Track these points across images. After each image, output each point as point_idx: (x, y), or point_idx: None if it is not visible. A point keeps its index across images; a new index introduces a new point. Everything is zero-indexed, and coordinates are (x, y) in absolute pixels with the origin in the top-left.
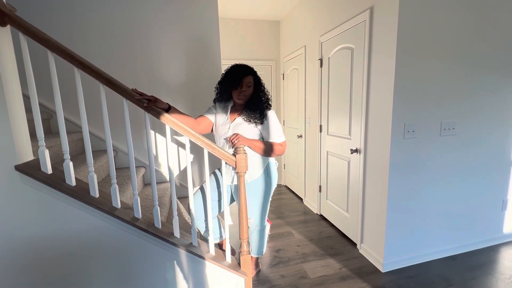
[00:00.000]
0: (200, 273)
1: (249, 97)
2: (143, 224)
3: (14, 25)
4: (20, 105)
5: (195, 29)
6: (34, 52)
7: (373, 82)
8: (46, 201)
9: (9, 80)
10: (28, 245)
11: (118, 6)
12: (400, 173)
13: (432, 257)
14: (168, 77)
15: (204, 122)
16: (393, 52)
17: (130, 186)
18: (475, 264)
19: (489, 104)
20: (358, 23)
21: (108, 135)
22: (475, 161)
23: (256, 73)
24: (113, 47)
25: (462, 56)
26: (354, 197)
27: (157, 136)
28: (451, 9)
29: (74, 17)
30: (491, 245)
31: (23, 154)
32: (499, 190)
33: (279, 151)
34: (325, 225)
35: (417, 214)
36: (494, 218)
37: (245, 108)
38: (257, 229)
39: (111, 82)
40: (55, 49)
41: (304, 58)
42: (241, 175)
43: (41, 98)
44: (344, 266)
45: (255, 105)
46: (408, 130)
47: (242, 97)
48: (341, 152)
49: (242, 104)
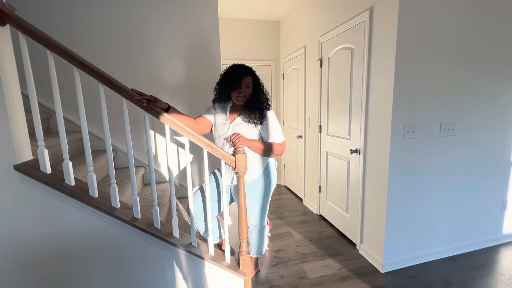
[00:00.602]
0: (199, 273)
1: (248, 98)
2: (143, 224)
3: (13, 24)
4: (20, 104)
5: (194, 28)
6: (33, 52)
7: (373, 82)
8: (45, 201)
9: (8, 80)
10: (27, 245)
11: (117, 5)
12: (400, 174)
13: (432, 257)
14: (167, 77)
15: (203, 123)
16: (393, 52)
17: (129, 186)
18: (475, 264)
19: (489, 104)
20: (358, 23)
21: (107, 135)
22: (475, 161)
23: (255, 73)
24: (113, 47)
25: (462, 57)
26: (354, 198)
27: (156, 136)
28: (451, 10)
29: (73, 16)
30: (491, 245)
31: (22, 154)
32: (499, 191)
33: (278, 151)
34: (325, 225)
35: (416, 214)
36: (494, 218)
37: (245, 108)
38: (256, 229)
39: (111, 81)
40: (55, 49)
41: (304, 58)
42: (240, 175)
43: (40, 97)
44: (344, 267)
45: (255, 106)
46: (408, 130)
47: (241, 98)
48: (340, 152)
49: (241, 104)
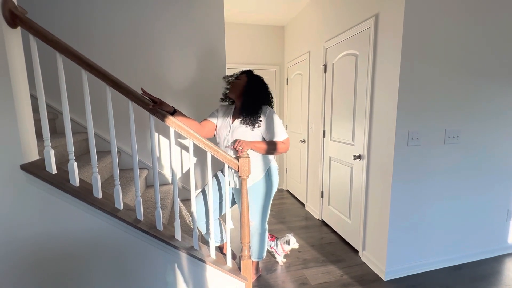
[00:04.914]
0: (200, 276)
1: (243, 101)
2: (145, 226)
3: (24, 26)
4: (28, 105)
5: (200, 32)
6: (40, 53)
7: (377, 88)
8: (49, 201)
9: (18, 81)
10: (31, 244)
11: (124, 8)
12: (404, 180)
13: (435, 266)
14: (173, 79)
15: (208, 126)
16: (397, 59)
17: (132, 188)
18: (479, 274)
19: (495, 113)
20: (363, 30)
21: (113, 137)
22: (480, 170)
23: (253, 75)
24: (119, 49)
25: (468, 65)
26: (357, 204)
27: (160, 138)
28: (457, 18)
29: (79, 19)
30: (496, 255)
31: (29, 154)
32: (504, 200)
33: (282, 149)
34: (327, 231)
35: (420, 222)
36: (499, 228)
37: (242, 111)
38: (257, 232)
39: (118, 84)
40: (64, 51)
41: (308, 64)
42: (243, 179)
43: (47, 98)
44: (346, 274)
45: (249, 108)
46: (412, 137)
47: (232, 88)
48: (344, 158)
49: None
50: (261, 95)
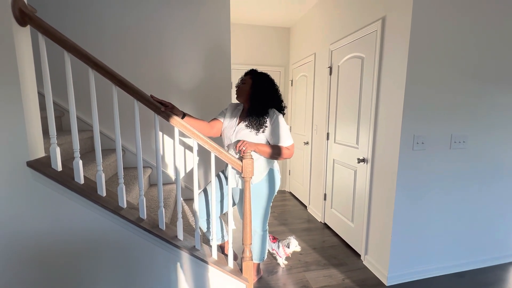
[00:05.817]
0: (201, 276)
1: (250, 105)
2: (148, 225)
3: (34, 25)
4: (35, 103)
5: (207, 33)
6: (48, 51)
7: (382, 92)
8: (54, 198)
9: (26, 78)
10: (35, 240)
11: (132, 9)
12: (408, 185)
13: (438, 272)
14: (179, 79)
15: (217, 125)
16: (404, 63)
17: (136, 186)
18: (484, 282)
19: (503, 119)
20: (370, 33)
21: (118, 136)
22: (485, 176)
23: (257, 75)
24: (126, 49)
25: (475, 70)
26: (360, 207)
27: (164, 137)
28: (465, 22)
29: (89, 19)
30: (501, 263)
31: (35, 151)
32: (509, 207)
33: (286, 155)
34: (329, 234)
35: (424, 227)
36: (504, 235)
37: (248, 114)
38: (258, 234)
39: (124, 83)
40: (72, 50)
41: (314, 66)
42: (246, 180)
43: (54, 95)
44: (347, 277)
45: (256, 113)
46: (417, 141)
47: (238, 92)
48: (347, 161)
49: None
50: (268, 97)
